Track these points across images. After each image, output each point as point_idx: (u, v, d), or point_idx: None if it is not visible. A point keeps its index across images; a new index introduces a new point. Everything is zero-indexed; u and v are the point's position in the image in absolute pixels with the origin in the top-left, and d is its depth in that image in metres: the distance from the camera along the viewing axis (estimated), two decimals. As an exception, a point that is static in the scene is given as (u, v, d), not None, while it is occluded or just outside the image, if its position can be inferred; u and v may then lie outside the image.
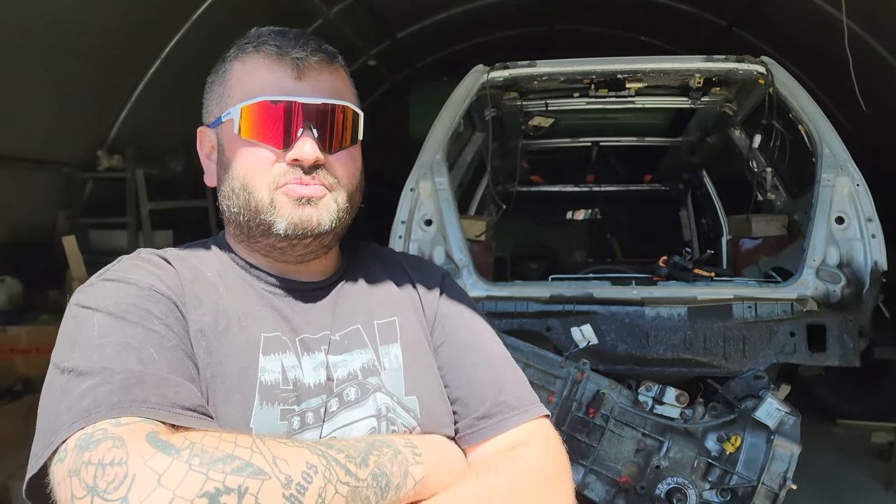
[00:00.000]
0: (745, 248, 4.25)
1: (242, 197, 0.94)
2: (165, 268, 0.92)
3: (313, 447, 0.74)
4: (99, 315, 0.82)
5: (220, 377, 0.86)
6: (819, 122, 3.29)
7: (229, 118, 0.95)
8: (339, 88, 0.98)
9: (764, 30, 6.37)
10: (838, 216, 3.16)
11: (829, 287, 3.10)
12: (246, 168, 0.94)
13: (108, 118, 5.20)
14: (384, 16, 7.10)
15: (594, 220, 6.45)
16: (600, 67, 3.56)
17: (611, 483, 2.58)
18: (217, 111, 0.99)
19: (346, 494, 0.73)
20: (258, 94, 0.93)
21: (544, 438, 0.97)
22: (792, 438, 2.43)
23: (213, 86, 1.01)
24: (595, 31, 7.92)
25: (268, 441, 0.72)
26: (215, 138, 1.00)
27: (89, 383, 0.75)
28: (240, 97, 0.94)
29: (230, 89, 0.97)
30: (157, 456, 0.66)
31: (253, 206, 0.93)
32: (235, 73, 0.97)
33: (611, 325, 3.16)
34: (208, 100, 1.02)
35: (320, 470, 0.71)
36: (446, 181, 3.36)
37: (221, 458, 0.67)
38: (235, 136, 0.94)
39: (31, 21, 3.88)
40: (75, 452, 0.69)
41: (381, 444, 0.81)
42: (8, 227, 4.66)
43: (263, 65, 0.94)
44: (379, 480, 0.77)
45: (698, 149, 4.95)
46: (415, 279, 1.12)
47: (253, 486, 0.66)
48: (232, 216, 0.97)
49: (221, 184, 0.98)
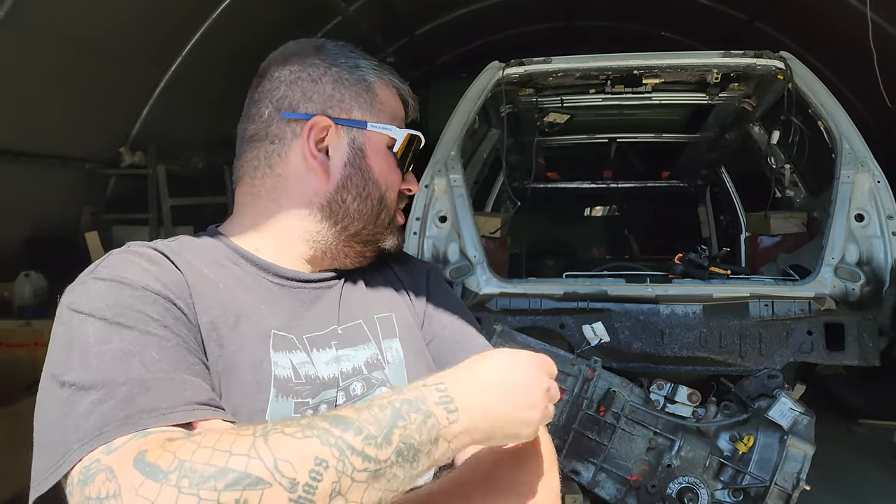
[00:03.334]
0: (764, 246, 4.20)
1: (377, 208, 1.03)
2: (162, 262, 0.88)
3: (325, 435, 0.67)
4: (93, 321, 0.79)
5: (233, 370, 0.85)
6: (839, 118, 3.24)
7: (388, 134, 1.03)
8: None
9: (786, 24, 6.27)
10: (858, 213, 3.12)
11: (848, 285, 3.06)
12: (388, 185, 1.04)
13: (130, 115, 5.27)
14: (402, 13, 7.11)
15: (611, 216, 6.41)
16: (616, 63, 3.53)
17: (621, 481, 2.58)
18: (359, 113, 1.02)
19: (366, 480, 0.67)
20: (405, 127, 1.06)
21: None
22: (806, 439, 2.42)
23: (342, 84, 1.02)
24: (614, 27, 7.86)
25: (271, 439, 0.66)
26: (346, 137, 1.02)
27: (92, 398, 0.72)
28: (395, 119, 1.05)
29: (381, 104, 1.04)
30: (146, 484, 0.64)
31: (382, 219, 1.04)
32: (383, 92, 1.05)
33: (625, 322, 3.14)
34: (333, 93, 1.01)
35: (331, 463, 0.65)
36: (461, 178, 3.37)
37: (213, 474, 0.63)
38: (387, 152, 1.04)
39: (54, 17, 3.94)
40: (79, 488, 0.68)
41: (410, 409, 0.71)
42: (33, 223, 4.75)
43: (401, 103, 1.08)
44: (405, 455, 0.70)
45: (716, 145, 4.90)
46: (401, 276, 1.14)
47: (252, 498, 0.62)
48: (348, 216, 1.02)
49: (354, 186, 1.02)
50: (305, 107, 1.00)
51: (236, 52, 0.91)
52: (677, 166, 5.68)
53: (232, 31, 4.98)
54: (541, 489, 0.92)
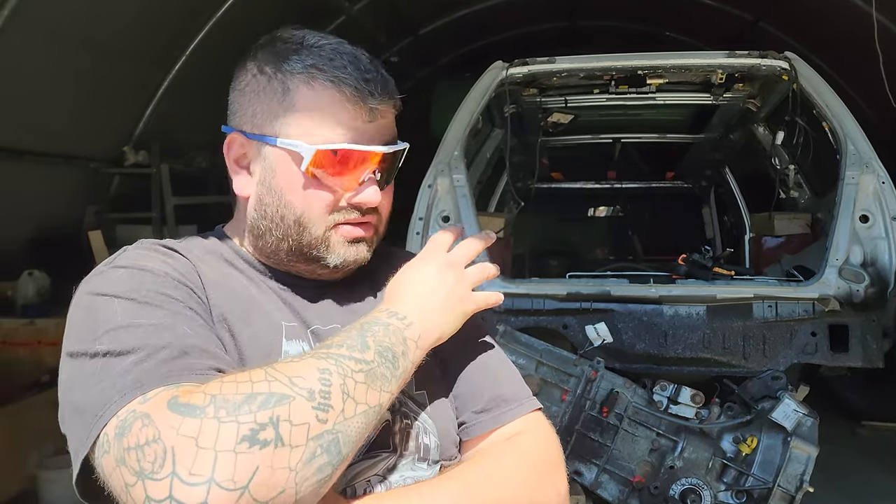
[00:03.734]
0: (768, 247, 4.19)
1: (294, 230, 0.93)
2: (174, 256, 0.91)
3: (316, 353, 0.76)
4: (119, 301, 0.80)
5: (245, 360, 0.86)
6: (844, 119, 3.23)
7: (295, 152, 0.90)
8: (394, 126, 0.98)
9: (791, 24, 6.26)
10: (863, 214, 3.11)
11: (853, 286, 3.05)
12: (306, 206, 0.92)
13: (134, 114, 5.28)
14: (406, 12, 7.11)
15: (615, 217, 6.40)
16: (620, 63, 3.53)
17: (624, 483, 2.57)
18: (269, 128, 0.92)
19: (364, 380, 0.75)
20: (332, 138, 0.89)
21: (541, 428, 1.00)
22: (809, 440, 2.41)
23: (261, 92, 0.93)
24: (618, 27, 7.86)
25: (277, 366, 0.73)
26: (256, 153, 0.94)
27: (132, 359, 0.74)
28: (309, 131, 0.90)
29: (295, 114, 0.90)
30: (186, 421, 0.66)
31: (305, 241, 0.94)
32: (304, 98, 0.90)
33: (628, 323, 3.13)
34: (249, 105, 0.94)
35: (333, 370, 0.74)
36: (464, 178, 3.36)
37: (244, 399, 0.68)
38: (297, 171, 0.91)
39: (58, 17, 3.95)
40: (116, 441, 0.69)
41: (370, 324, 0.83)
42: (36, 222, 4.76)
43: (340, 107, 0.90)
44: (385, 355, 0.80)
45: (720, 146, 4.89)
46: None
47: (283, 413, 0.68)
48: (269, 240, 0.96)
49: (265, 206, 0.94)
50: (232, 120, 0.97)
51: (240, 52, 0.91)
52: (681, 167, 5.67)
53: (235, 31, 4.98)
54: (544, 487, 0.92)
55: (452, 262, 0.95)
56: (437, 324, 0.89)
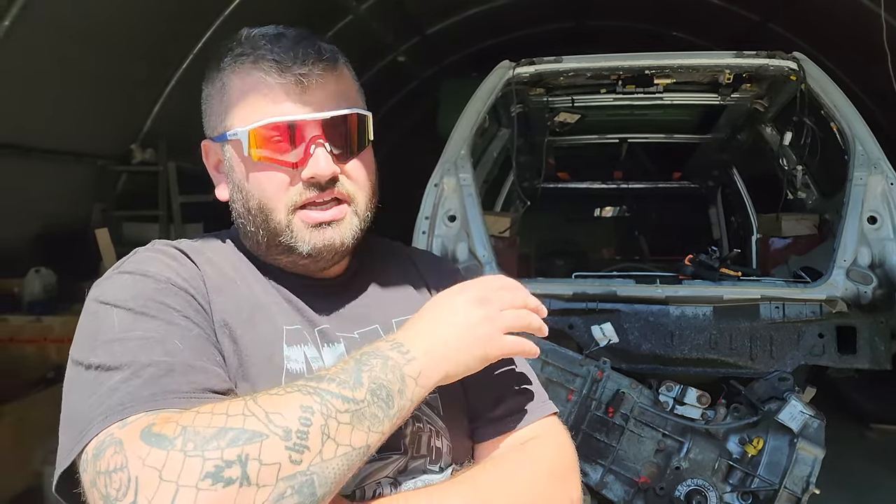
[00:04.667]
0: (775, 248, 4.17)
1: (260, 218, 0.93)
2: (182, 259, 0.92)
3: (304, 387, 0.73)
4: (118, 311, 0.82)
5: (245, 366, 0.86)
6: (852, 120, 3.21)
7: (236, 139, 0.91)
8: (344, 93, 0.95)
9: (799, 25, 6.23)
10: (871, 215, 3.08)
11: (860, 288, 3.03)
12: (261, 191, 0.92)
13: (141, 112, 5.30)
14: (413, 12, 7.10)
15: (621, 217, 6.38)
16: (627, 63, 3.51)
17: (629, 483, 2.56)
18: (220, 127, 0.95)
19: (350, 421, 0.72)
20: (263, 115, 0.89)
21: (556, 434, 0.99)
22: (816, 442, 2.39)
23: (210, 98, 0.97)
24: (625, 27, 7.84)
25: (259, 399, 0.71)
26: (222, 153, 0.97)
27: (119, 377, 0.75)
28: (244, 117, 0.91)
29: (231, 106, 0.93)
30: (153, 452, 0.66)
31: (272, 228, 0.93)
32: (235, 88, 0.92)
33: (634, 323, 3.12)
34: (208, 111, 0.98)
35: (316, 409, 0.71)
36: (470, 177, 3.35)
37: (214, 434, 0.67)
38: (245, 158, 0.91)
39: (66, 14, 3.97)
40: (92, 462, 0.70)
41: (369, 356, 0.79)
42: (43, 219, 4.78)
43: (264, 84, 0.90)
44: (378, 394, 0.76)
45: (728, 146, 4.87)
46: (427, 276, 1.11)
47: (253, 451, 0.66)
48: (249, 233, 0.96)
49: (235, 202, 0.96)
50: (205, 130, 1.01)
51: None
52: (688, 167, 5.65)
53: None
54: (557, 494, 0.91)
55: (485, 299, 0.88)
56: (446, 359, 0.83)
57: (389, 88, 8.32)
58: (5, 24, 3.67)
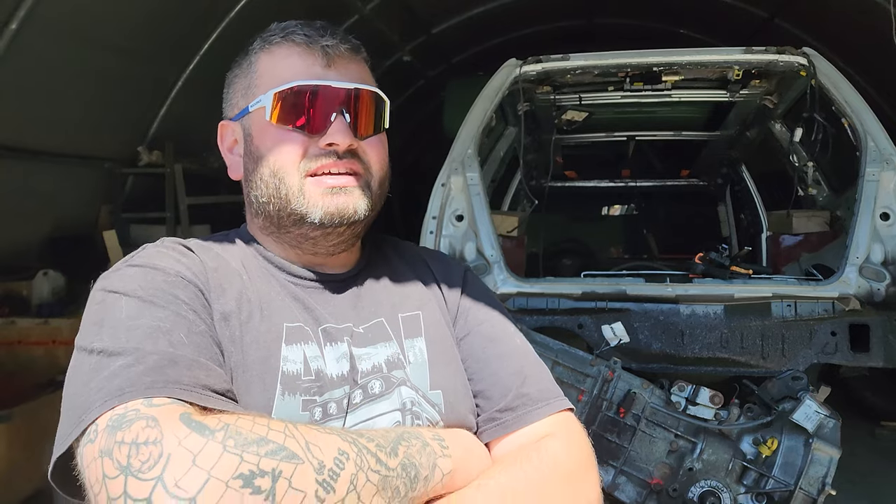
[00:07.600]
0: (786, 245, 4.14)
1: (272, 185, 0.93)
2: (189, 256, 0.92)
3: (344, 434, 0.74)
4: (127, 299, 0.82)
5: (243, 366, 0.86)
6: (863, 115, 3.18)
7: (259, 106, 0.94)
8: (365, 77, 0.99)
9: (807, 21, 6.19)
10: (883, 212, 3.05)
11: (873, 285, 3.00)
12: (277, 154, 0.93)
13: (148, 114, 5.30)
14: (419, 11, 7.09)
15: (630, 215, 6.35)
16: (635, 60, 3.49)
17: (642, 485, 2.54)
18: (243, 102, 0.98)
19: (377, 483, 0.72)
20: (290, 79, 0.93)
21: (570, 431, 0.97)
22: (832, 442, 2.37)
23: (236, 79, 1.01)
24: (634, 24, 7.80)
25: (300, 427, 0.71)
26: (240, 130, 1.00)
27: (121, 363, 0.74)
28: (270, 85, 0.94)
29: (258, 79, 0.97)
30: (192, 436, 0.66)
31: (283, 195, 0.93)
32: (263, 63, 0.97)
33: (644, 322, 3.09)
34: (231, 93, 1.02)
35: (352, 457, 0.71)
36: (478, 176, 3.34)
37: (255, 440, 0.67)
38: (266, 124, 0.94)
39: (72, 16, 3.97)
40: (107, 433, 0.68)
41: (410, 435, 0.80)
42: (51, 222, 4.78)
43: (293, 53, 0.95)
44: (408, 471, 0.76)
45: (737, 143, 4.84)
46: (437, 273, 1.11)
47: (287, 470, 0.66)
48: (261, 207, 0.96)
49: (250, 174, 0.97)
50: (224, 113, 1.04)
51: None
52: (697, 164, 5.62)
53: (249, 30, 4.95)
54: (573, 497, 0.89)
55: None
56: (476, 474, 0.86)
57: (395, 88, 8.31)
58: (12, 28, 3.67)
